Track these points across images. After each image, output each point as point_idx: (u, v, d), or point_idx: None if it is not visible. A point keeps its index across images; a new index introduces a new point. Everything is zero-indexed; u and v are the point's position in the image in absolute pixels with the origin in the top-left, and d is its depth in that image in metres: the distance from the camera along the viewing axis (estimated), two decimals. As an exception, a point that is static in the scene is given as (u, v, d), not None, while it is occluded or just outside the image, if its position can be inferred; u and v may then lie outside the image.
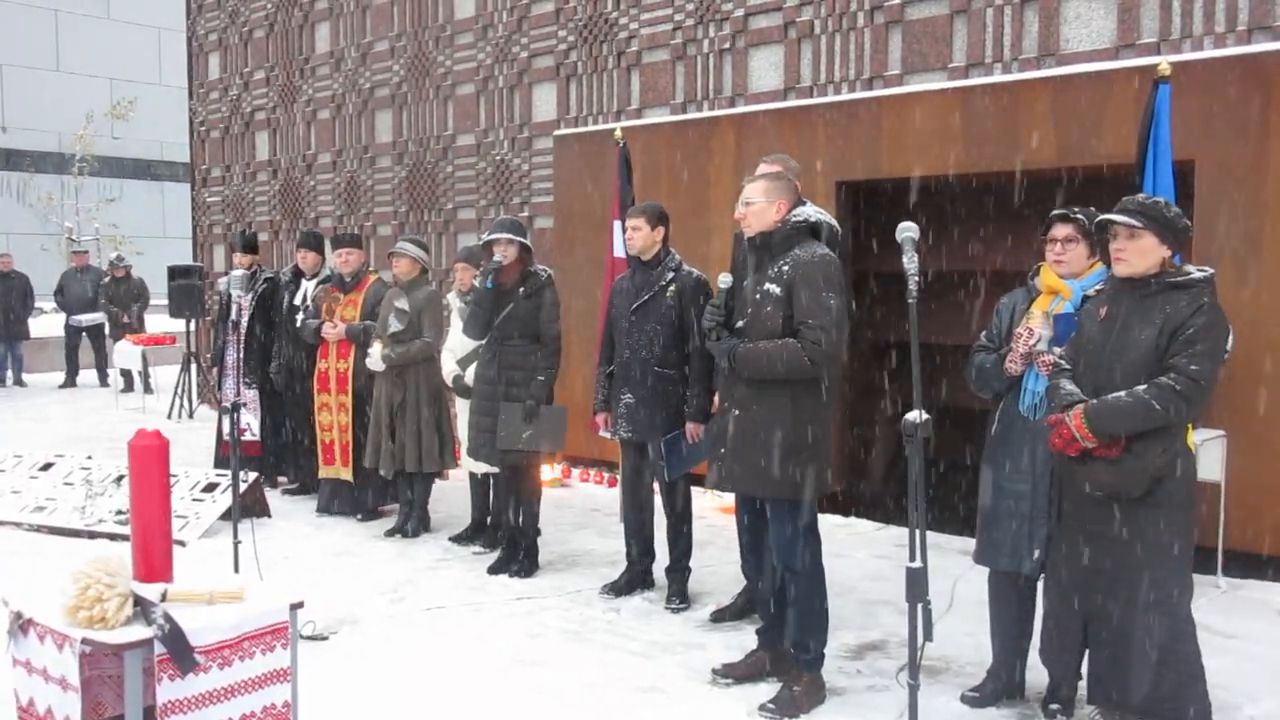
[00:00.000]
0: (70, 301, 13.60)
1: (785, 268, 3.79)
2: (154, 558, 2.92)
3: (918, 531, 2.87)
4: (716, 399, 4.37)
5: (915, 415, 2.87)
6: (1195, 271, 3.31)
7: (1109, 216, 3.33)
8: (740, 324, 3.88)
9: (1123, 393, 3.21)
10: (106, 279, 13.50)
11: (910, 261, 3.00)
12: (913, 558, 2.85)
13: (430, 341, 6.25)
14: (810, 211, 3.93)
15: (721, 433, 3.96)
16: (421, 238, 7.78)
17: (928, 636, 2.85)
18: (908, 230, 3.05)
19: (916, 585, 2.84)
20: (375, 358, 6.24)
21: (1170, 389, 3.14)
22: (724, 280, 4.08)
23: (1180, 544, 3.31)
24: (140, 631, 2.64)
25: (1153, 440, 3.20)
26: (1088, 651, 3.49)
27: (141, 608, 2.69)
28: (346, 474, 6.69)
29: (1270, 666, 4.15)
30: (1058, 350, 3.56)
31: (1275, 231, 5.20)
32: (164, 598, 2.75)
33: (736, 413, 3.87)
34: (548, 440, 5.31)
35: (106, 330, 13.51)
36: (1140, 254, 3.28)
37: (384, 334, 6.25)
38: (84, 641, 2.61)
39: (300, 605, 2.95)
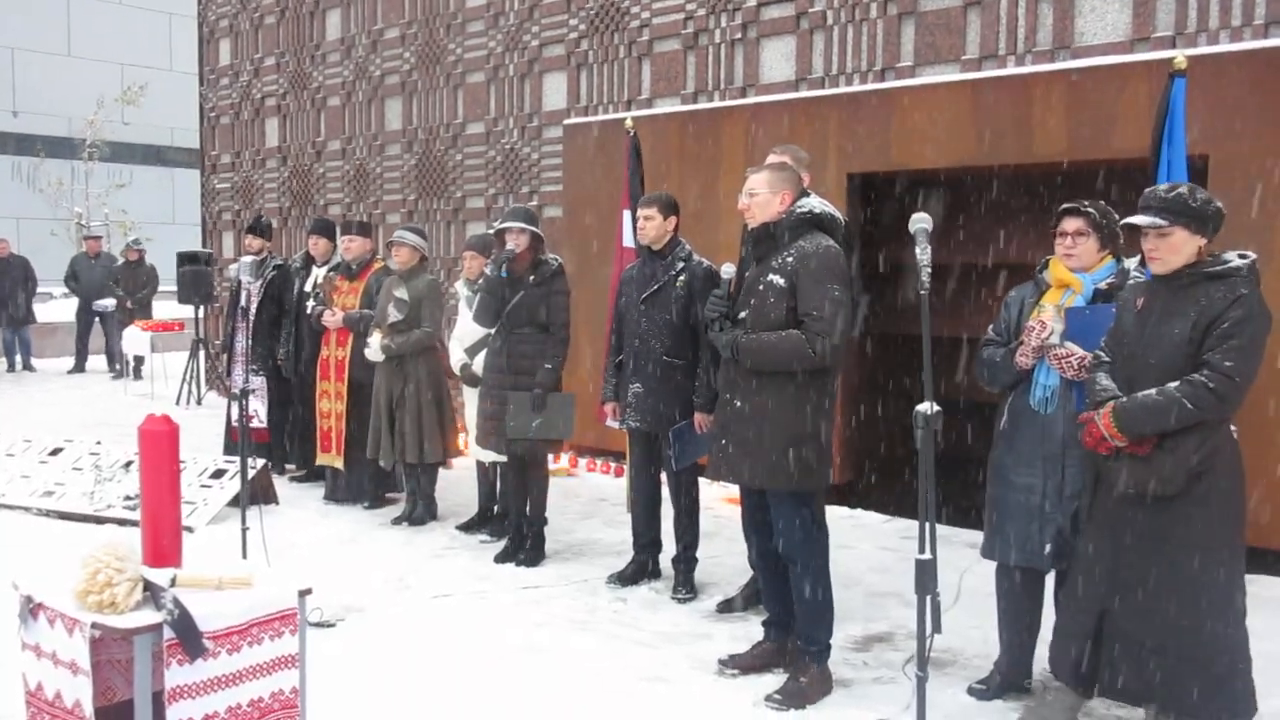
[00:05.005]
0: (85, 288, 13.57)
1: (789, 259, 3.78)
2: (163, 543, 2.92)
3: (928, 523, 2.86)
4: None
5: (926, 407, 2.86)
6: (1235, 259, 3.17)
7: (1134, 220, 3.23)
8: (743, 315, 3.87)
9: (1153, 390, 3.12)
10: (120, 262, 13.50)
11: (923, 253, 2.98)
12: (922, 550, 2.84)
13: (430, 331, 6.22)
14: (814, 203, 3.92)
15: (722, 423, 3.96)
16: (421, 226, 7.77)
17: (936, 629, 2.84)
18: (921, 222, 3.03)
19: (926, 577, 2.83)
20: (374, 348, 6.22)
21: (1204, 386, 3.05)
22: (727, 271, 4.08)
23: (1228, 541, 3.19)
24: (150, 616, 2.65)
25: (1187, 435, 3.10)
26: (1125, 655, 3.31)
27: (151, 592, 2.70)
28: (338, 462, 6.70)
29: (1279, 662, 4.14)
30: (1070, 344, 3.54)
31: (1289, 227, 5.18)
32: (173, 583, 2.75)
33: (738, 403, 3.87)
34: (557, 428, 5.31)
35: (115, 315, 13.52)
36: (1173, 251, 3.17)
37: (383, 323, 6.23)
38: (94, 626, 2.61)
39: (309, 592, 2.95)
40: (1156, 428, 3.12)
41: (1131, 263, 3.67)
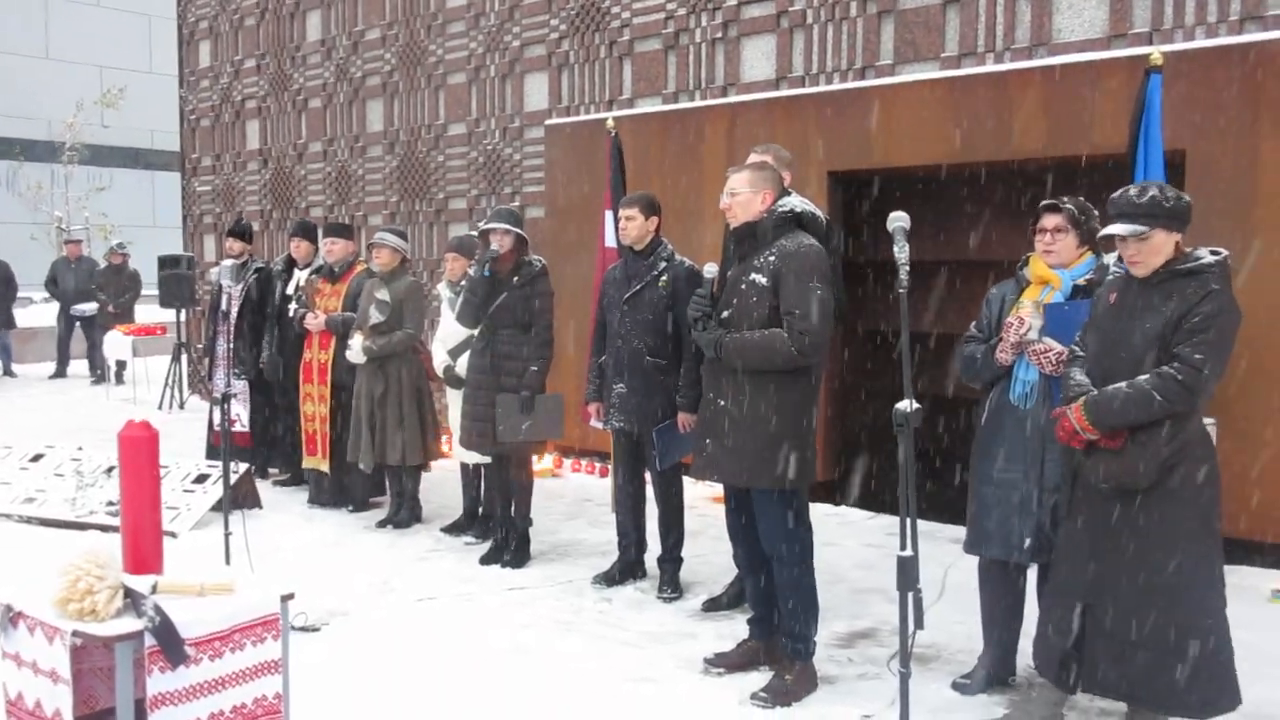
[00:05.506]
0: (65, 292, 13.46)
1: (771, 258, 3.80)
2: (144, 549, 2.91)
3: (908, 520, 2.87)
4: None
5: (906, 404, 2.87)
6: (1206, 255, 3.21)
7: (1113, 230, 3.24)
8: (726, 314, 3.88)
9: (1123, 384, 3.15)
10: (104, 265, 13.40)
11: (901, 251, 2.99)
12: (904, 546, 2.85)
13: (412, 332, 6.21)
14: (795, 202, 3.93)
15: (706, 422, 3.96)
16: (402, 228, 7.75)
17: (918, 624, 2.85)
18: (899, 220, 3.04)
19: (907, 573, 2.83)
20: (355, 349, 6.20)
21: (1172, 379, 3.08)
22: (709, 270, 4.09)
23: (1203, 533, 3.20)
24: (131, 623, 2.64)
25: (1158, 429, 3.13)
26: (1106, 650, 3.30)
27: (132, 600, 2.69)
28: (324, 465, 6.68)
29: (1259, 652, 4.16)
30: (1048, 340, 3.56)
31: (1265, 222, 5.22)
32: (154, 589, 2.74)
33: (721, 402, 3.88)
34: (547, 429, 5.32)
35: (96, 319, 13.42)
36: (1155, 253, 3.20)
37: (364, 325, 6.21)
38: (75, 634, 2.60)
39: (291, 597, 2.94)
40: (1126, 420, 3.15)
41: (1110, 258, 3.70)
